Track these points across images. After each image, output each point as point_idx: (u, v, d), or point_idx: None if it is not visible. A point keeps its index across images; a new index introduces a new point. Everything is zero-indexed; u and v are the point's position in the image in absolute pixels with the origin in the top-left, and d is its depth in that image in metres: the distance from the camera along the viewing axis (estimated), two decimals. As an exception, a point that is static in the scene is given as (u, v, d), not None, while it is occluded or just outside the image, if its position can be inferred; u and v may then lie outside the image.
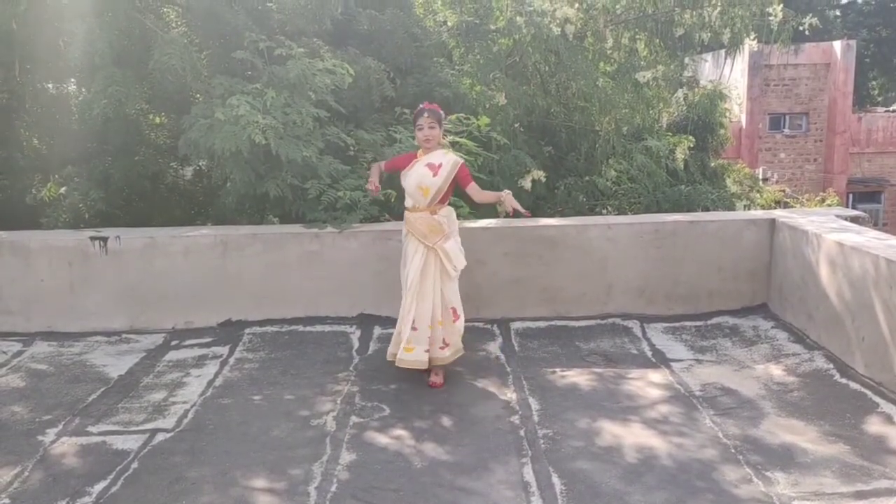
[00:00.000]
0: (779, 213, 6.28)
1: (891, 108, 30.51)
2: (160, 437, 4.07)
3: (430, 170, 4.59)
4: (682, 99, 10.48)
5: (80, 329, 5.76)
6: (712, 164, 10.49)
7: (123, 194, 6.84)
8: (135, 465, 3.78)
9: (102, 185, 6.55)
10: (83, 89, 7.04)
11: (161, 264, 5.78)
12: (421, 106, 4.71)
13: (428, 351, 4.57)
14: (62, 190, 6.88)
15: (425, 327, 4.56)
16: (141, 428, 4.18)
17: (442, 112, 4.76)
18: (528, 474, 3.64)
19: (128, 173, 6.69)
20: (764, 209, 9.43)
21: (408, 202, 4.72)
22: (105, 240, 5.76)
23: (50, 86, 7.23)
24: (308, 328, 5.75)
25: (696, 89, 11.40)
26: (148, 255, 5.78)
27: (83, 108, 6.40)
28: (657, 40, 7.99)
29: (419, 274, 4.55)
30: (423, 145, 4.67)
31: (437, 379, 4.66)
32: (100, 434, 4.12)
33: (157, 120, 7.67)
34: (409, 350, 4.55)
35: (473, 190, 4.72)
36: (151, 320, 5.81)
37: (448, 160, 4.63)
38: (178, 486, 3.58)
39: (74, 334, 5.71)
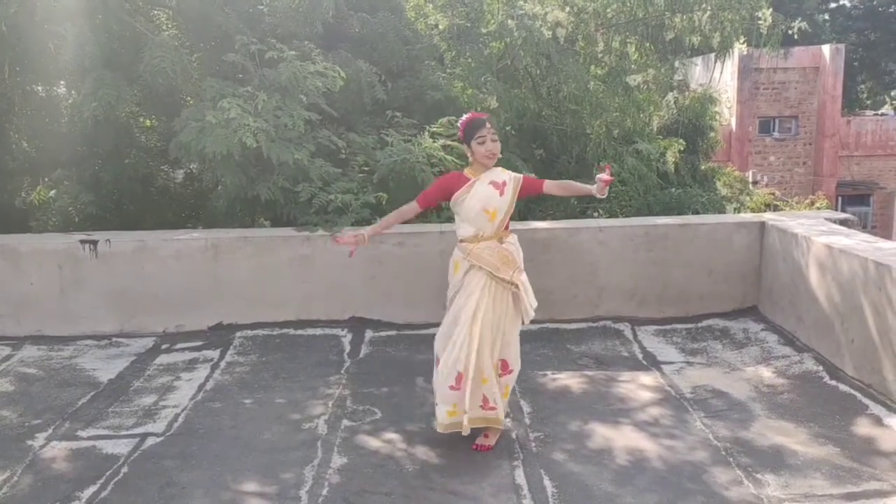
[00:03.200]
0: (768, 216, 6.31)
1: (880, 112, 30.73)
2: (151, 441, 4.06)
3: (495, 188, 3.84)
4: (672, 102, 10.53)
5: (69, 333, 5.73)
6: (702, 168, 10.53)
7: (114, 197, 6.82)
8: (125, 469, 3.76)
9: (92, 188, 6.53)
10: (73, 92, 7.02)
11: (151, 268, 5.75)
12: (470, 115, 3.94)
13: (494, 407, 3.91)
14: (52, 193, 6.85)
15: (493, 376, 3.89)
16: (131, 432, 4.16)
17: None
18: (520, 477, 3.64)
19: (118, 176, 6.67)
20: (754, 212, 9.47)
21: (466, 231, 3.90)
22: (95, 243, 5.73)
23: (40, 88, 7.20)
24: (299, 332, 5.73)
25: (687, 93, 11.46)
26: (138, 259, 5.75)
27: (73, 110, 6.37)
28: (648, 44, 8.03)
29: (491, 312, 3.84)
30: (485, 162, 3.84)
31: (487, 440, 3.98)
32: (90, 438, 4.10)
33: (148, 123, 7.65)
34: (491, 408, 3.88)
35: (553, 186, 4.02)
36: (142, 324, 5.79)
37: (510, 176, 3.90)
38: (168, 490, 3.57)
39: (64, 338, 5.68)
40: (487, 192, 3.83)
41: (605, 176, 3.76)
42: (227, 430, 4.19)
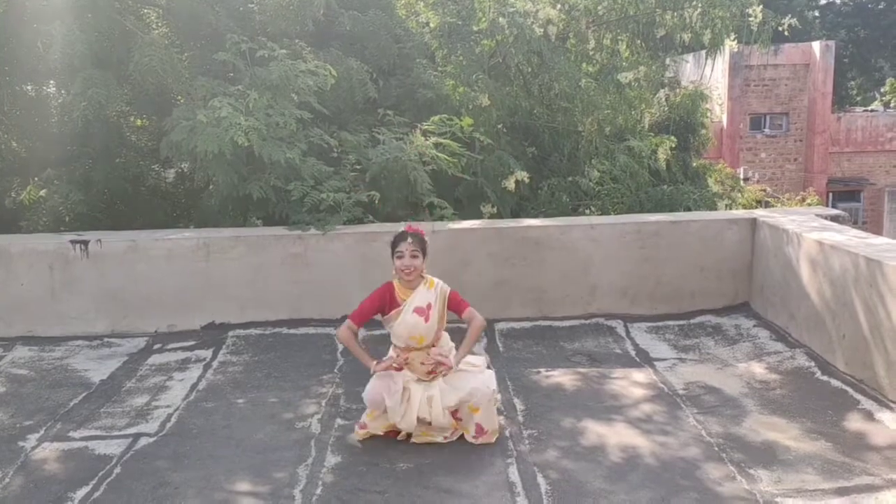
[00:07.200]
0: (760, 213, 6.34)
1: (869, 108, 30.87)
2: (143, 441, 4.04)
3: (419, 315, 3.89)
4: (663, 99, 10.53)
5: (61, 333, 5.70)
6: (694, 165, 10.55)
7: (104, 197, 6.79)
8: (118, 470, 3.75)
9: (83, 187, 6.50)
10: (63, 91, 6.99)
11: (143, 267, 5.73)
12: (402, 229, 4.01)
13: (447, 437, 3.98)
14: (42, 193, 6.83)
15: (447, 429, 3.98)
16: (124, 432, 4.15)
17: (427, 239, 4.04)
18: (514, 475, 3.64)
19: (109, 176, 6.64)
20: (745, 209, 9.50)
21: (397, 341, 4.00)
22: (86, 243, 5.71)
23: (29, 88, 7.17)
24: (292, 331, 5.72)
25: (678, 90, 11.47)
26: (130, 259, 5.73)
27: (63, 110, 6.34)
28: (639, 41, 8.05)
29: (425, 400, 3.89)
30: (402, 276, 3.92)
31: None
32: (82, 439, 4.09)
33: (139, 122, 7.63)
34: (428, 435, 3.98)
35: (471, 315, 3.99)
36: (133, 324, 5.77)
37: (435, 295, 3.95)
38: (161, 490, 3.55)
39: (55, 339, 5.65)
40: (412, 321, 3.89)
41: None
42: (219, 429, 4.18)
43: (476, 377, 3.96)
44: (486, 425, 3.94)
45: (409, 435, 3.97)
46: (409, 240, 3.90)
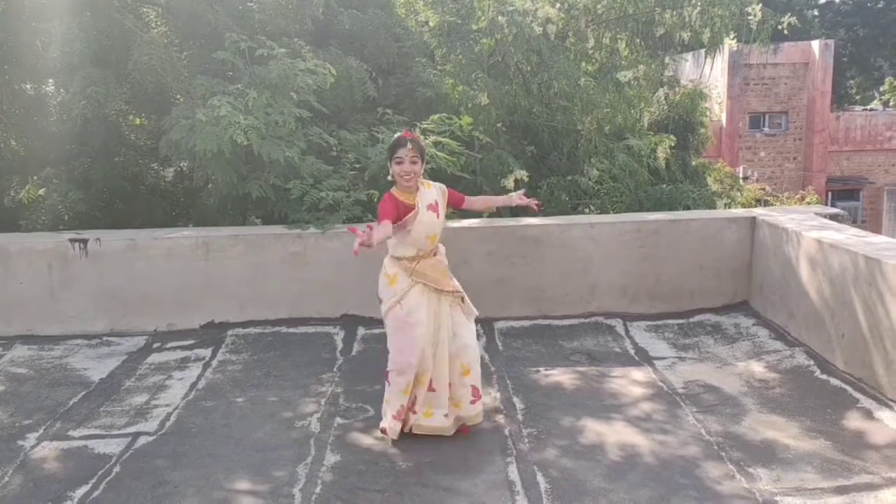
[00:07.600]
0: (759, 212, 6.34)
1: (868, 107, 30.88)
2: (142, 440, 4.04)
3: (432, 212, 3.93)
4: (663, 98, 10.52)
5: (60, 332, 5.70)
6: (693, 163, 10.54)
7: (103, 196, 6.79)
8: (117, 468, 3.75)
9: (82, 186, 6.50)
10: (62, 90, 6.98)
11: (142, 266, 5.73)
12: (399, 134, 3.95)
13: (447, 415, 3.99)
14: (41, 192, 6.81)
15: (444, 386, 3.95)
16: (123, 431, 4.15)
17: (424, 145, 4.07)
18: (513, 473, 3.65)
19: (108, 174, 6.64)
20: (744, 208, 9.50)
21: (407, 252, 3.93)
22: (85, 242, 5.70)
23: (28, 86, 7.16)
24: (291, 329, 5.72)
25: (677, 89, 11.47)
26: (129, 258, 5.73)
27: (62, 108, 6.33)
28: (638, 40, 8.05)
29: (435, 325, 3.92)
30: (401, 182, 3.87)
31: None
32: (81, 438, 4.08)
33: (138, 121, 7.61)
34: (429, 415, 3.99)
35: (470, 202, 4.28)
36: (133, 323, 5.76)
37: (437, 192, 4.03)
38: (160, 489, 3.55)
39: (55, 338, 5.65)
40: (428, 219, 3.90)
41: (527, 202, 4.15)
42: (219, 428, 4.18)
43: (468, 330, 4.01)
44: (478, 385, 4.03)
45: (409, 429, 3.99)
46: (409, 145, 3.84)
